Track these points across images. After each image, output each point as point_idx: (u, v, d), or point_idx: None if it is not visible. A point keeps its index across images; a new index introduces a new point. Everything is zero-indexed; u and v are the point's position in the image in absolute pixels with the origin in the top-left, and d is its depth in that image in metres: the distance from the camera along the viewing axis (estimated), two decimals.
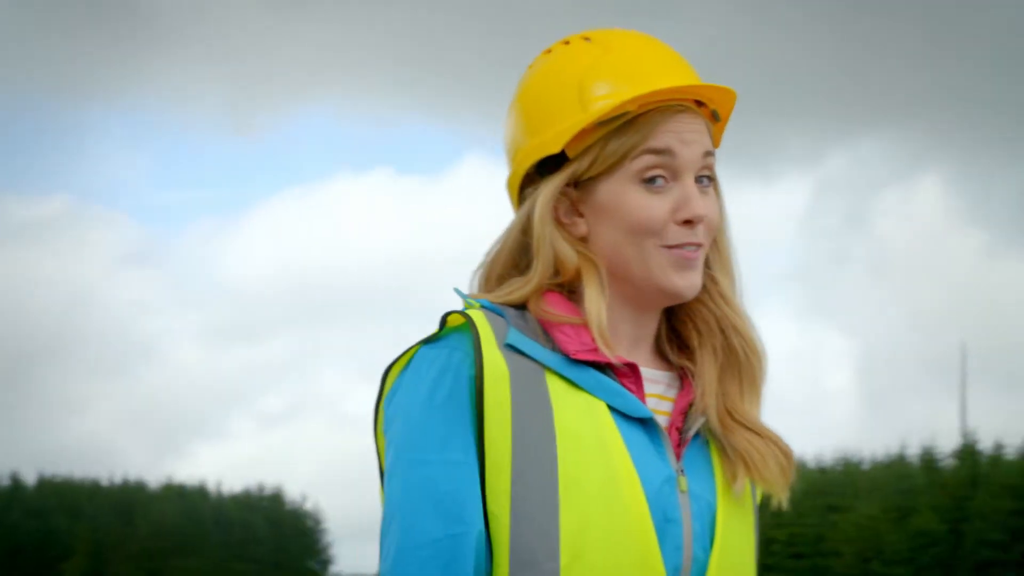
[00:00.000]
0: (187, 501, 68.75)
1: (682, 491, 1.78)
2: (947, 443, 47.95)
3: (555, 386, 1.75)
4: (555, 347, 1.77)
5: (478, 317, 1.76)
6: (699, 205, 1.82)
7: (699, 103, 1.87)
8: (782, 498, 1.86)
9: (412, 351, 1.79)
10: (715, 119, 1.90)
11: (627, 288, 1.84)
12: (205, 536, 66.04)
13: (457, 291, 1.86)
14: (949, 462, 41.66)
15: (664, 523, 1.75)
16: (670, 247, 1.81)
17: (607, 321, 1.81)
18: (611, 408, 1.76)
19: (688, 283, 1.82)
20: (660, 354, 1.91)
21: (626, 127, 1.81)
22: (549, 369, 1.75)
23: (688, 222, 1.81)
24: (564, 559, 1.68)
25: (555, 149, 1.82)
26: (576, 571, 1.68)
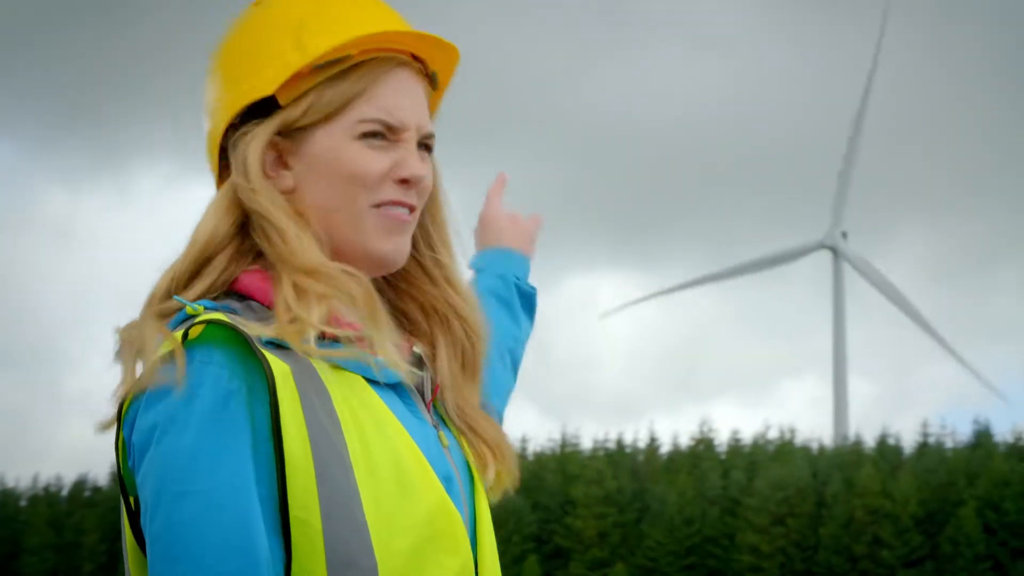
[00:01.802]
0: None
1: (444, 445, 1.73)
2: None
3: (321, 370, 1.63)
4: None
5: (230, 319, 1.60)
6: (418, 166, 1.75)
7: (420, 65, 1.80)
8: (509, 489, 1.83)
9: (149, 374, 1.59)
10: (433, 86, 1.82)
11: (333, 251, 1.73)
12: None
13: (178, 299, 1.65)
14: None
15: (446, 484, 1.69)
16: (380, 205, 1.73)
17: None
18: (366, 380, 1.67)
19: (395, 248, 1.75)
20: None
21: (346, 75, 1.72)
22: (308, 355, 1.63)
23: (405, 181, 1.74)
24: (378, 552, 1.57)
25: (268, 90, 1.71)
26: (391, 559, 1.58)
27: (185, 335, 1.59)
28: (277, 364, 1.58)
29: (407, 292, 1.86)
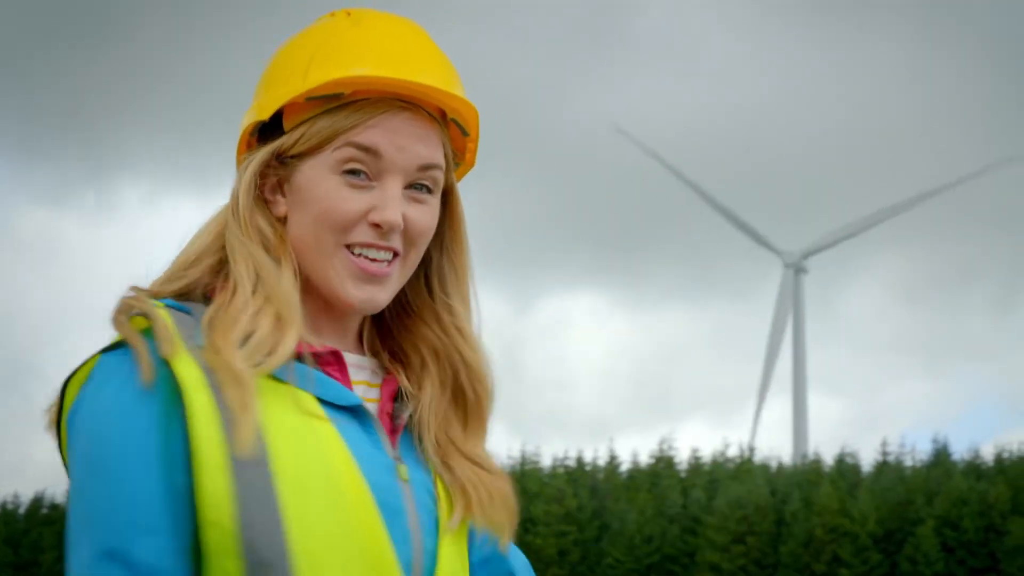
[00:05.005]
0: None
1: (403, 480, 1.69)
2: None
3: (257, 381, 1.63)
4: None
5: (162, 317, 1.63)
6: (393, 211, 1.70)
7: (443, 112, 1.78)
8: (507, 539, 1.79)
9: (92, 361, 1.64)
10: (463, 133, 1.81)
11: (308, 286, 1.74)
12: None
13: (135, 289, 1.70)
14: None
15: (391, 515, 1.65)
16: (352, 246, 1.70)
17: (306, 309, 1.73)
18: (319, 399, 1.66)
19: (366, 296, 1.72)
20: (362, 341, 1.83)
21: (340, 110, 1.71)
22: None
23: (378, 226, 1.70)
24: (298, 561, 1.56)
25: (264, 116, 1.74)
26: (310, 572, 1.57)
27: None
28: (189, 367, 1.58)
29: (411, 330, 1.84)
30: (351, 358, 1.76)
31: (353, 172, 1.70)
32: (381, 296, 1.73)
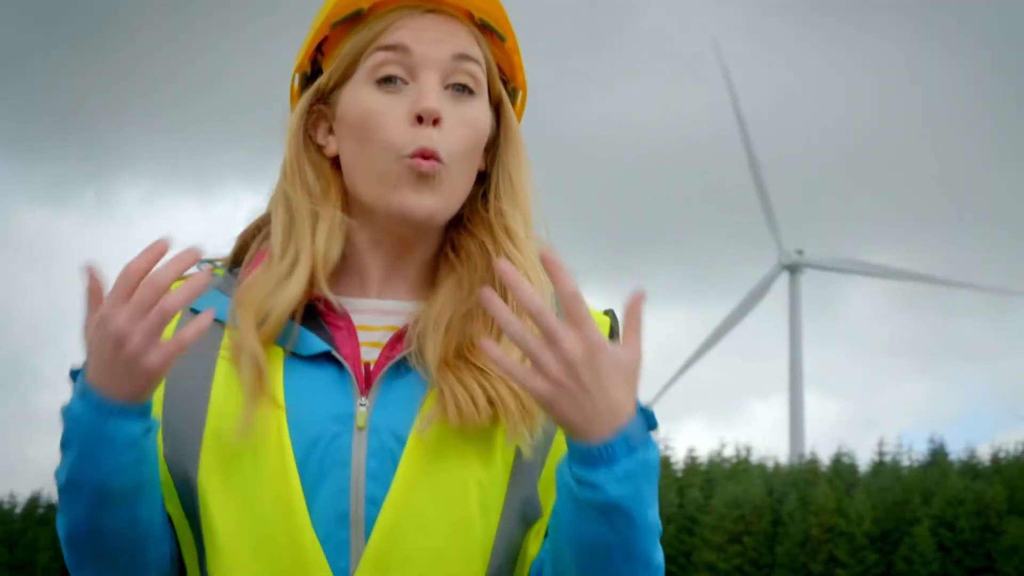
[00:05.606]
0: None
1: (359, 427, 1.63)
2: None
3: (232, 335, 1.67)
4: None
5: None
6: (430, 98, 1.65)
7: (473, 19, 1.73)
8: (515, 441, 1.63)
9: None
10: (500, 39, 1.76)
11: (369, 214, 1.70)
12: None
13: (210, 261, 1.74)
14: None
15: (330, 466, 1.61)
16: (404, 157, 1.65)
17: (350, 255, 1.71)
18: (291, 352, 1.66)
19: (421, 204, 1.66)
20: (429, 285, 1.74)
21: (363, 26, 1.70)
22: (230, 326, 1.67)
23: (419, 119, 1.65)
24: (211, 510, 1.63)
25: (300, 60, 1.76)
26: (220, 522, 1.61)
27: None
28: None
29: (453, 243, 1.75)
30: (388, 304, 1.71)
31: (386, 80, 1.67)
32: (434, 203, 1.66)
